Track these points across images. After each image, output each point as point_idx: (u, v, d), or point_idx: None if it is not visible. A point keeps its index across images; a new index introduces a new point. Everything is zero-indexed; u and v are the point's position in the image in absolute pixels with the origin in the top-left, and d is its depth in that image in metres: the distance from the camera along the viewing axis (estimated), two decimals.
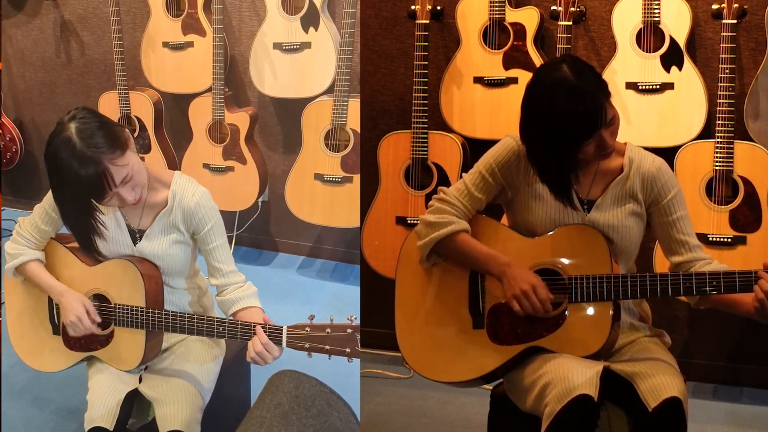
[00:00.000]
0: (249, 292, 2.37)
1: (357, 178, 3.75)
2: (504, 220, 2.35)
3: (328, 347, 2.07)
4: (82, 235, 2.26)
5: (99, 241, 2.29)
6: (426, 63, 3.43)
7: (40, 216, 2.39)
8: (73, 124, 2.08)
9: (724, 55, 3.06)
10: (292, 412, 1.68)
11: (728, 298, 2.12)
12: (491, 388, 2.39)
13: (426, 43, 3.44)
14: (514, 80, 3.38)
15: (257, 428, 1.65)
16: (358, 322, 2.07)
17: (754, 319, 2.08)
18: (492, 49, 3.41)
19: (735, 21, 3.05)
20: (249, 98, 4.26)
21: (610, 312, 2.12)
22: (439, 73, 3.53)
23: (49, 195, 2.33)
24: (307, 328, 2.08)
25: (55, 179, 2.12)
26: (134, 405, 2.36)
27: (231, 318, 2.32)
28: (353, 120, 3.71)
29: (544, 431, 2.00)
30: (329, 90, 3.77)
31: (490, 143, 2.35)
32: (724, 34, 3.05)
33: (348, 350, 2.06)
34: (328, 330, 2.07)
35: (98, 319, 2.32)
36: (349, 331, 2.06)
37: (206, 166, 4.11)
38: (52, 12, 4.67)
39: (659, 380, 2.03)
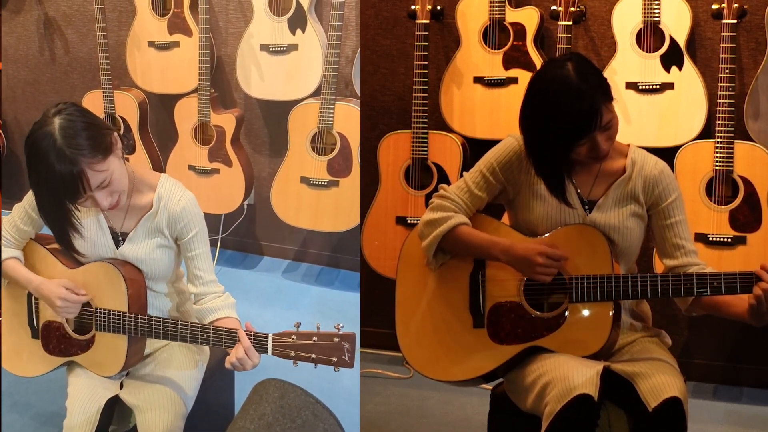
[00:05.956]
0: (227, 303, 2.33)
1: (343, 182, 3.71)
2: (505, 219, 2.35)
3: (314, 356, 2.01)
4: (58, 228, 2.20)
5: (77, 238, 2.23)
6: (426, 63, 3.43)
7: (20, 216, 2.34)
8: (58, 119, 2.03)
9: (724, 55, 3.06)
10: (276, 423, 1.66)
11: (721, 301, 2.12)
12: (491, 388, 2.39)
13: (426, 43, 3.44)
14: (514, 80, 3.38)
15: None
16: (346, 330, 2.01)
17: (747, 322, 2.07)
18: (492, 49, 3.41)
19: (735, 21, 3.05)
20: (235, 100, 4.22)
21: (611, 312, 2.12)
22: (439, 73, 3.53)
23: (30, 195, 2.27)
24: (293, 336, 2.03)
25: (32, 170, 2.06)
26: (115, 412, 2.31)
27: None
28: (340, 123, 3.67)
29: (544, 431, 2.00)
30: (316, 93, 3.73)
31: (490, 143, 2.35)
32: (724, 34, 3.05)
33: (334, 359, 2.00)
34: (315, 338, 2.01)
35: (83, 291, 2.25)
36: (336, 339, 2.00)
37: (192, 167, 4.06)
38: (35, 9, 4.59)
39: (659, 380, 2.02)
